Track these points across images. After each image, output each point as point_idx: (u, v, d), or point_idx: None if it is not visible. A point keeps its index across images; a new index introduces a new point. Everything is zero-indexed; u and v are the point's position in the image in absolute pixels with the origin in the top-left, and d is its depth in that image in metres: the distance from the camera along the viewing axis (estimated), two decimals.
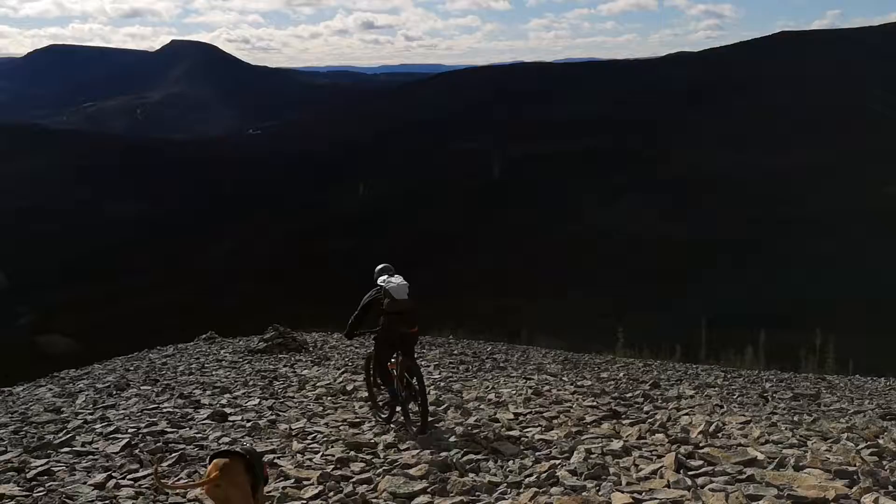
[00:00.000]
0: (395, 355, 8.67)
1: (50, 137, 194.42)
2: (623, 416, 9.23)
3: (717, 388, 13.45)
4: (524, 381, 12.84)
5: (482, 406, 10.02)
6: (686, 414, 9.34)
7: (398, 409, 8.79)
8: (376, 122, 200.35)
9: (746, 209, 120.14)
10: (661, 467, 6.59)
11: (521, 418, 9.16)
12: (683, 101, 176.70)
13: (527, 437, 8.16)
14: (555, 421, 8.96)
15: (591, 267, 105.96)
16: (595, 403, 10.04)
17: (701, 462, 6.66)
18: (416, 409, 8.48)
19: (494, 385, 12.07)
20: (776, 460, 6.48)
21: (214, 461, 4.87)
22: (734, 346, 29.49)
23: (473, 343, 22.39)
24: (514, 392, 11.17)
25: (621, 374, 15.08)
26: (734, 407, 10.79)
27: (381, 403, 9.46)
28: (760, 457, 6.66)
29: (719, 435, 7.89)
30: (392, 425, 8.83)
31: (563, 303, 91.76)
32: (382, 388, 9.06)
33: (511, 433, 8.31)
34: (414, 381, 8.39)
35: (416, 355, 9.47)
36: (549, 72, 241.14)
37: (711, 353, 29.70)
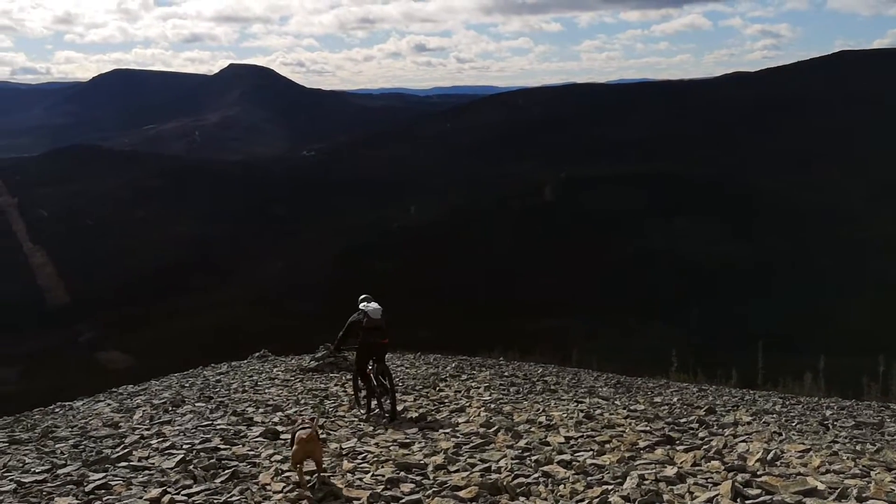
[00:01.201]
0: (371, 363, 10.83)
1: (113, 159, 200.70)
2: (677, 441, 9.01)
3: (775, 415, 13.10)
4: (575, 404, 12.67)
5: (533, 429, 9.90)
6: (743, 441, 9.08)
7: (374, 403, 10.87)
8: (428, 143, 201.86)
9: (806, 230, 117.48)
10: (717, 495, 6.41)
11: (572, 442, 9.02)
12: (741, 120, 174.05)
13: (578, 461, 8.01)
14: (607, 445, 8.79)
15: (645, 289, 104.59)
16: (648, 428, 9.84)
17: (759, 491, 6.46)
18: (387, 403, 10.57)
19: (545, 408, 11.93)
20: (837, 491, 6.26)
21: (299, 432, 7.35)
22: (792, 371, 28.67)
23: (524, 365, 22.22)
24: (565, 415, 11.02)
25: (675, 399, 14.79)
26: (793, 435, 10.48)
27: (362, 402, 11.28)
28: (821, 487, 6.43)
29: (778, 463, 7.65)
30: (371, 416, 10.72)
31: (616, 325, 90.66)
32: (363, 388, 11.16)
33: (562, 457, 8.18)
34: (385, 380, 10.58)
35: (388, 361, 12.20)
36: (602, 93, 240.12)
37: (769, 378, 28.91)
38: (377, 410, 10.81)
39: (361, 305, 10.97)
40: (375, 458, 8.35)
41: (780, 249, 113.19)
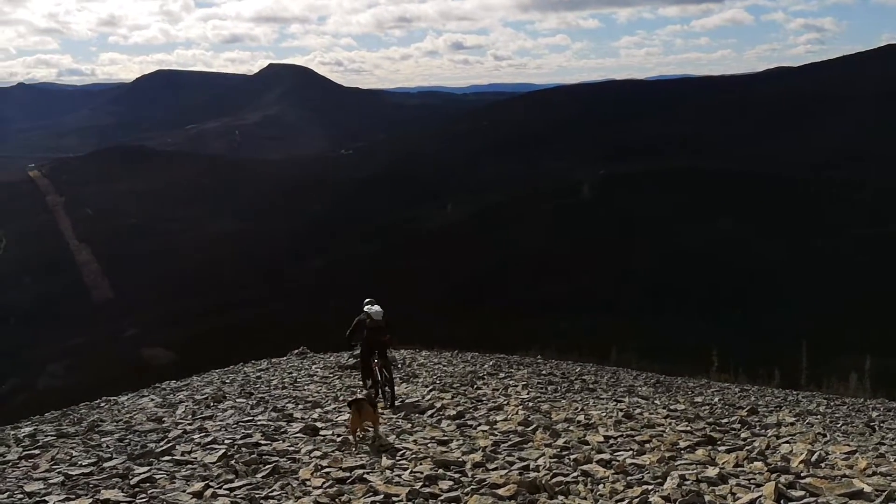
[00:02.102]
0: (374, 357, 12.22)
1: (156, 158, 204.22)
2: (719, 442, 8.91)
3: (819, 416, 12.88)
4: (614, 403, 12.60)
5: (571, 428, 9.86)
6: (786, 442, 8.95)
7: (377, 391, 12.06)
8: (465, 141, 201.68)
9: (853, 228, 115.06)
10: (760, 496, 6.33)
11: (611, 441, 8.97)
12: (784, 116, 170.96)
13: (618, 460, 7.95)
14: (647, 445, 8.72)
15: (684, 288, 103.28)
16: (689, 428, 9.75)
17: (803, 493, 6.36)
18: (388, 390, 11.97)
19: (584, 406, 11.88)
20: (885, 493, 6.13)
21: (356, 402, 9.20)
22: (837, 371, 28.11)
23: (562, 363, 22.12)
24: (604, 414, 10.96)
25: (716, 399, 14.62)
26: (838, 436, 10.30)
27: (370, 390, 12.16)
28: (867, 489, 6.31)
29: (822, 465, 7.52)
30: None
31: (655, 324, 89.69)
32: (367, 378, 12.67)
33: (601, 456, 8.13)
34: (386, 372, 12.10)
35: (390, 354, 14.00)
36: (641, 89, 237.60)
37: (812, 378, 28.37)
38: (380, 397, 11.81)
39: (365, 308, 12.36)
40: (414, 456, 8.38)
41: (824, 248, 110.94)
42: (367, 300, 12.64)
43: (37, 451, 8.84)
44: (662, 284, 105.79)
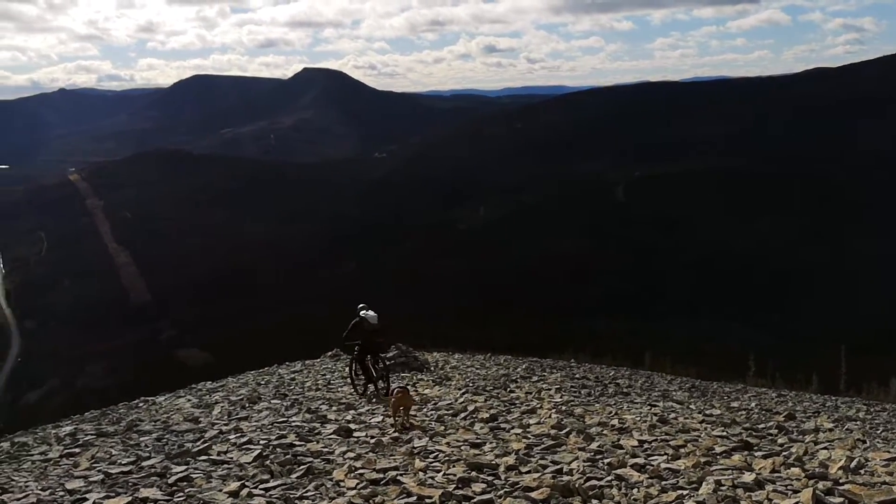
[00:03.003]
0: (368, 356, 13.48)
1: (192, 162, 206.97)
2: (755, 447, 8.79)
3: (858, 422, 12.65)
4: (649, 407, 12.49)
5: (605, 432, 9.79)
6: (824, 448, 8.80)
7: (369, 386, 13.47)
8: (499, 144, 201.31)
9: (892, 232, 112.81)
10: (797, 503, 6.24)
11: (645, 446, 8.88)
12: (822, 118, 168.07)
13: (652, 465, 7.88)
14: (682, 450, 8.63)
15: (721, 291, 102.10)
16: (725, 433, 9.63)
17: (841, 499, 6.26)
18: (382, 386, 13.14)
19: (617, 410, 11.80)
20: None
21: (396, 390, 10.65)
22: (877, 376, 27.54)
23: (595, 367, 22.01)
24: (638, 418, 10.87)
25: (753, 404, 14.43)
26: (878, 442, 10.10)
27: (358, 386, 13.79)
28: None
29: (861, 472, 7.38)
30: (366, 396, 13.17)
31: (691, 327, 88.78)
32: (360, 375, 13.81)
33: (635, 460, 8.06)
34: (380, 369, 13.38)
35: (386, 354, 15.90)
36: (676, 91, 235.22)
37: (852, 383, 27.83)
38: (372, 391, 13.26)
39: (361, 313, 13.61)
40: (447, 458, 8.38)
41: (864, 251, 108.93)
42: (361, 305, 13.88)
43: (77, 450, 9.04)
44: (698, 287, 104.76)
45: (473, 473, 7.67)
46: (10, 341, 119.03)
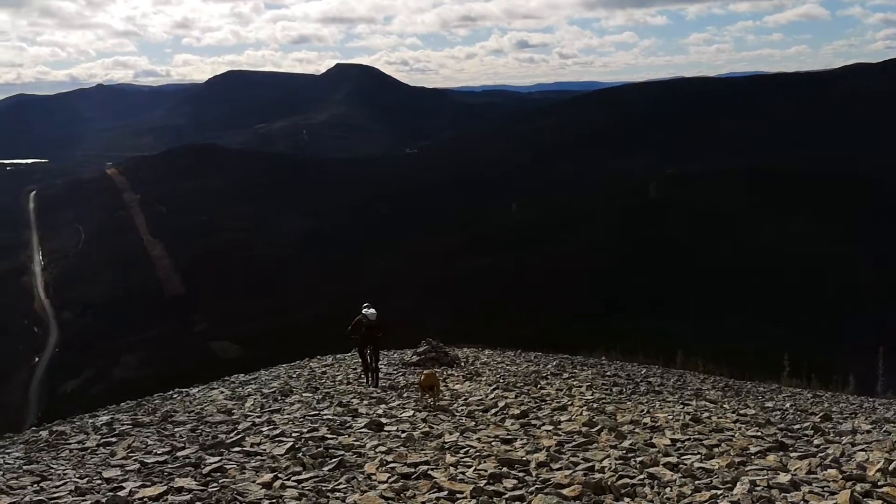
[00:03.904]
0: (368, 349, 14.96)
1: (226, 157, 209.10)
2: (791, 448, 8.67)
3: None
4: (681, 406, 12.39)
5: (637, 430, 9.73)
6: (862, 450, 8.64)
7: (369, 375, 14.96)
8: (531, 140, 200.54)
9: None
10: None
11: (678, 445, 8.82)
12: (862, 114, 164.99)
13: (685, 464, 7.81)
14: (715, 449, 8.54)
15: (756, 290, 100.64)
16: (759, 433, 9.51)
17: (879, 502, 6.17)
18: (372, 375, 14.88)
19: (649, 409, 11.71)
20: None
21: (426, 372, 12.44)
22: None
23: (626, 365, 21.87)
24: (670, 417, 10.78)
25: (788, 405, 14.23)
26: None
27: (361, 375, 15.40)
28: None
29: None
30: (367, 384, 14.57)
31: (723, 327, 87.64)
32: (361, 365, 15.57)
33: (668, 459, 8.00)
34: (374, 360, 15.03)
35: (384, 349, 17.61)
36: (712, 87, 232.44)
37: (890, 385, 27.31)
38: (368, 380, 14.90)
39: (363, 310, 15.10)
40: (478, 453, 8.39)
41: None
42: (365, 304, 15.37)
43: (114, 439, 9.18)
44: (733, 286, 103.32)
45: (504, 469, 7.68)
46: (49, 332, 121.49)
